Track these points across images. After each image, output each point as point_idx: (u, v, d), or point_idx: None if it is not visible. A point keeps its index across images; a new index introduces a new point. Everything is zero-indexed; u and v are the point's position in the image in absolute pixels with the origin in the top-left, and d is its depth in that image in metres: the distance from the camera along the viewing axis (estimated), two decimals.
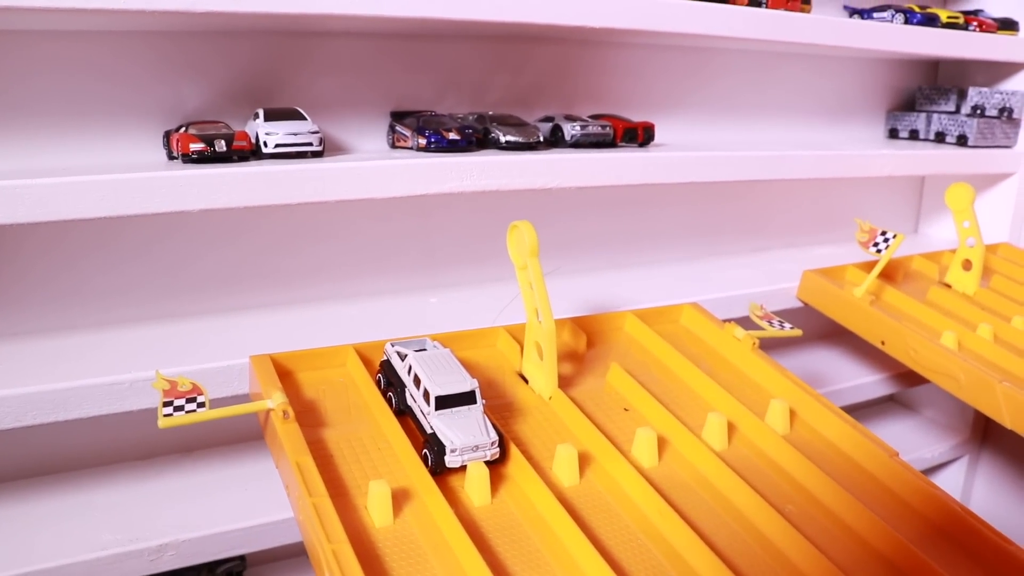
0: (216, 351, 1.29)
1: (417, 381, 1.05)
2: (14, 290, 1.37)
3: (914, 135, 2.23)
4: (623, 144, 1.59)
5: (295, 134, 1.30)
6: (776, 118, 2.11)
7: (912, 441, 2.19)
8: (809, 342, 2.11)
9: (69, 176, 1.13)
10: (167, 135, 1.37)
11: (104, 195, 1.14)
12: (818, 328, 2.05)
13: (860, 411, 2.26)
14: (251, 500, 1.36)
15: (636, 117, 1.78)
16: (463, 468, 1.00)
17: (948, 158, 2.00)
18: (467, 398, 1.03)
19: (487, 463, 1.00)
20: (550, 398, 1.18)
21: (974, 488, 2.30)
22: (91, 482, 1.40)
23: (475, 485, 0.98)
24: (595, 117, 1.64)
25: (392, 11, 1.25)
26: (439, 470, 0.99)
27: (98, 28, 1.31)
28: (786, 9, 1.71)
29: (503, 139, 1.45)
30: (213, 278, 1.50)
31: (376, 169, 1.28)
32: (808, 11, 1.79)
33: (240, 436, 1.53)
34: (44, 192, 1.11)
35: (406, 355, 1.09)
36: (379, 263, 1.63)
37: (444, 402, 1.01)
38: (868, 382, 1.92)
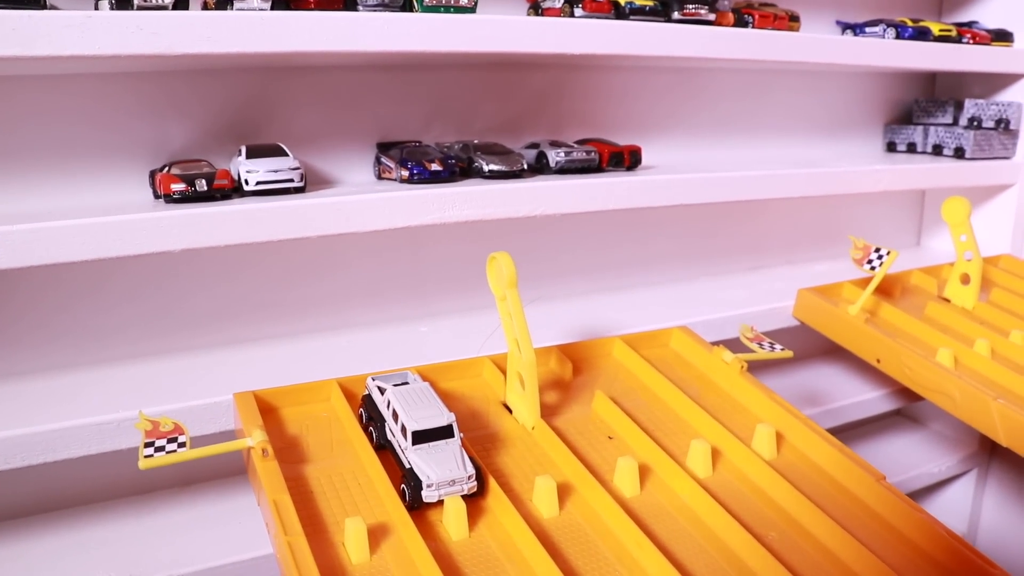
0: (205, 388, 1.30)
1: (395, 416, 1.05)
2: (10, 332, 1.38)
3: (912, 148, 2.22)
4: (609, 168, 1.59)
5: (276, 171, 1.31)
6: (770, 136, 2.11)
7: (919, 455, 2.17)
8: (809, 359, 2.10)
9: (50, 221, 1.14)
10: (152, 175, 1.39)
11: (86, 239, 1.15)
12: (818, 345, 2.03)
13: (867, 427, 2.25)
14: (247, 534, 1.36)
15: (625, 140, 1.78)
16: (441, 502, 1.00)
17: (945, 171, 1.99)
18: (444, 432, 1.03)
19: (465, 497, 1.00)
20: (533, 428, 1.18)
21: (984, 502, 2.27)
22: (87, 519, 1.41)
23: (452, 519, 0.98)
24: (581, 142, 1.64)
25: (370, 46, 1.26)
26: (416, 505, 0.99)
27: (79, 71, 1.33)
28: (773, 28, 1.71)
29: (487, 168, 1.46)
30: (204, 314, 1.51)
31: (357, 203, 1.29)
32: (797, 29, 1.80)
33: (236, 469, 1.53)
34: (25, 238, 1.13)
35: (385, 389, 1.09)
36: (369, 294, 1.64)
37: (421, 437, 1.01)
38: (870, 398, 1.91)
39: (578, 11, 1.48)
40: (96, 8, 1.24)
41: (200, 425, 1.23)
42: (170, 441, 1.02)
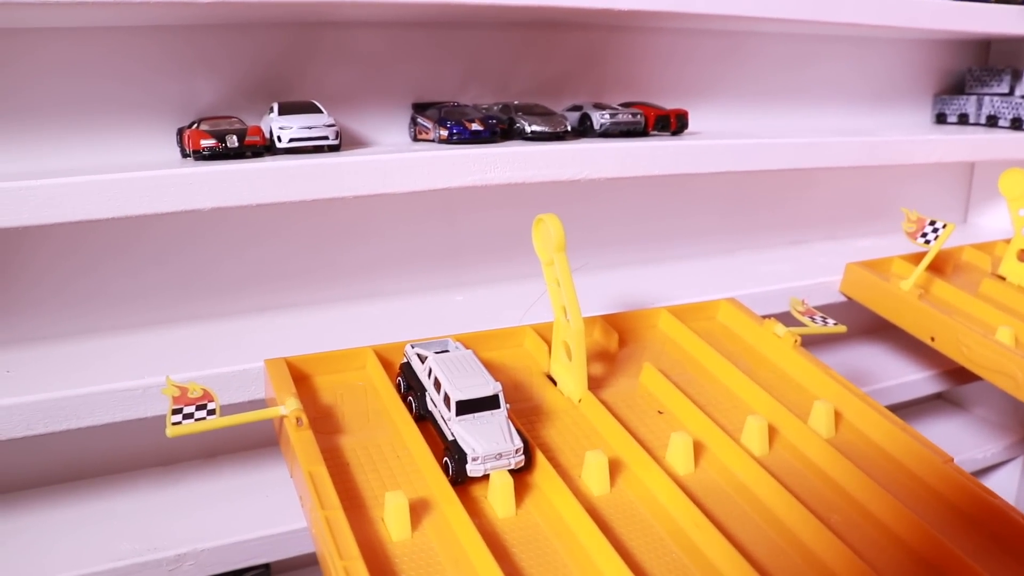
0: (234, 354, 1.24)
1: (437, 385, 0.99)
2: (32, 294, 1.34)
3: (963, 119, 2.13)
4: (655, 132, 1.52)
5: (310, 127, 1.25)
6: (815, 104, 2.03)
7: (963, 441, 2.09)
8: (853, 337, 2.03)
9: (74, 176, 1.08)
10: (180, 132, 1.33)
11: (111, 195, 1.10)
12: (862, 323, 1.97)
13: (907, 409, 2.18)
14: (274, 506, 1.32)
15: (669, 104, 1.71)
16: (486, 477, 0.94)
17: (1001, 142, 1.91)
18: (490, 402, 0.97)
19: (511, 471, 0.94)
20: (580, 401, 1.12)
21: None
22: (109, 490, 1.36)
23: (498, 495, 0.92)
24: (626, 105, 1.57)
25: None
26: (460, 479, 0.93)
27: (106, 24, 1.27)
28: None
29: (528, 129, 1.39)
30: (232, 279, 1.46)
31: (394, 162, 1.23)
32: None
33: (263, 440, 1.48)
34: (50, 193, 1.07)
35: (426, 357, 1.03)
36: (403, 261, 1.58)
37: (465, 407, 0.96)
38: (916, 379, 1.84)
39: None
40: None
41: (229, 393, 1.18)
42: (199, 408, 0.97)
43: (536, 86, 1.62)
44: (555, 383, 1.16)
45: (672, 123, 1.52)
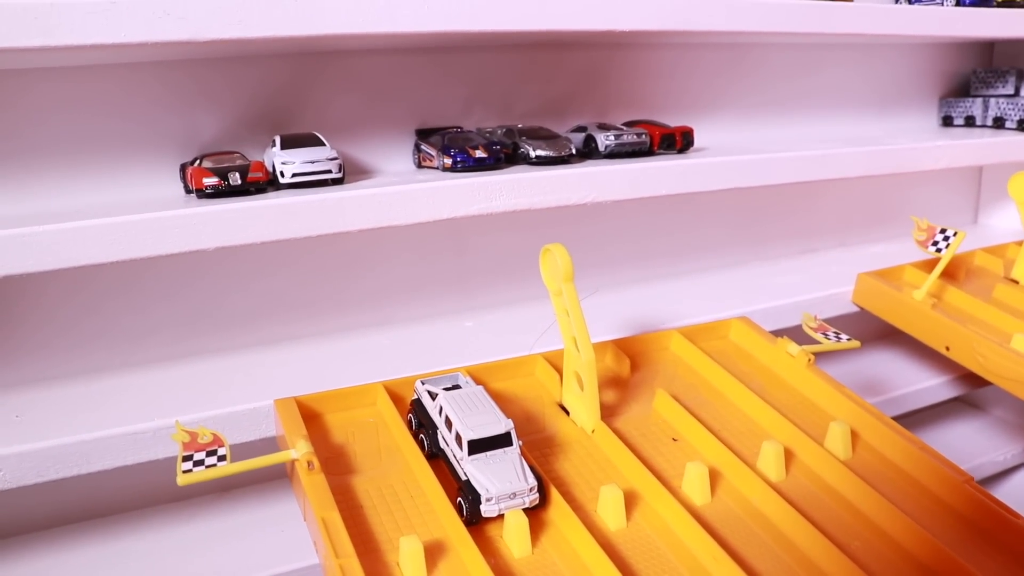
0: (243, 391, 1.24)
1: (449, 423, 0.98)
2: (38, 335, 1.33)
3: (970, 122, 2.11)
4: (661, 151, 1.51)
5: (313, 162, 1.24)
6: (820, 111, 2.02)
7: (980, 444, 2.07)
8: (866, 344, 2.02)
9: (77, 221, 1.08)
10: (183, 168, 1.32)
11: (115, 239, 1.09)
12: (874, 329, 1.95)
13: (923, 412, 2.15)
14: (289, 542, 1.30)
15: (674, 120, 1.70)
16: (501, 516, 0.93)
17: (1009, 144, 1.89)
18: (502, 440, 0.96)
19: (526, 510, 0.93)
20: (593, 431, 1.11)
21: None
22: (122, 529, 1.35)
23: (514, 535, 0.91)
24: (630, 124, 1.56)
25: (409, 27, 1.18)
26: (475, 520, 0.92)
27: (105, 62, 1.27)
28: None
29: (533, 154, 1.38)
30: (239, 313, 1.45)
31: (397, 195, 1.22)
32: None
33: (276, 473, 1.47)
34: (53, 239, 1.06)
35: (437, 394, 1.02)
36: (410, 287, 1.57)
37: (478, 446, 0.95)
38: (932, 385, 1.82)
39: None
40: None
41: (240, 432, 1.17)
42: (209, 454, 0.96)
43: (540, 107, 1.61)
44: (568, 413, 1.15)
45: (678, 141, 1.51)
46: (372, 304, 1.54)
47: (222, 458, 0.96)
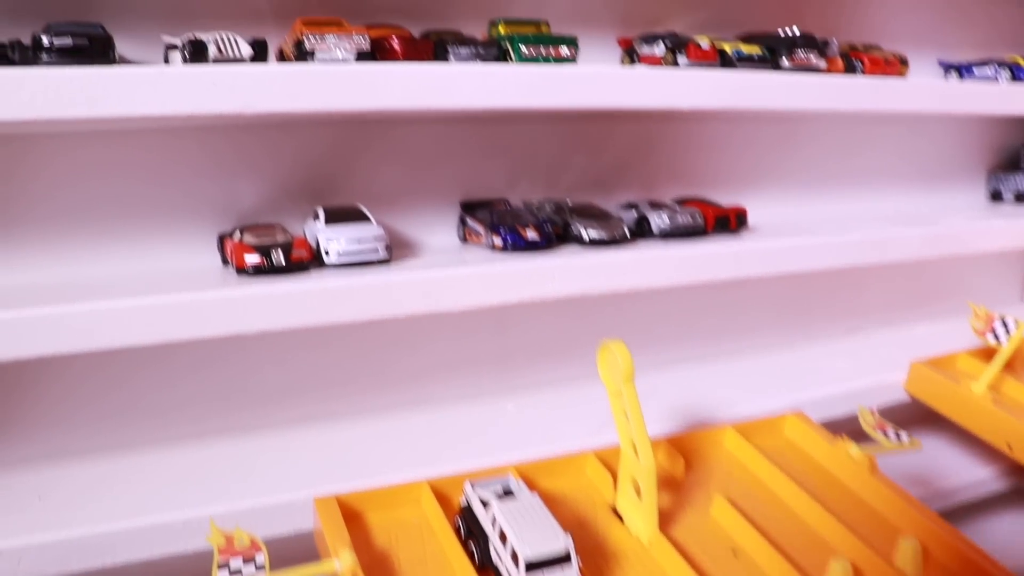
0: (278, 477, 1.18)
1: (503, 536, 0.92)
2: (62, 407, 1.28)
3: (1021, 197, 2.05)
4: (714, 232, 1.45)
5: (359, 241, 1.18)
6: (867, 185, 1.96)
7: None
8: (916, 430, 1.94)
9: (112, 300, 1.02)
10: (221, 239, 1.27)
11: (151, 321, 1.04)
12: (924, 412, 1.88)
13: (979, 507, 2.07)
14: None
15: (722, 194, 1.65)
16: None
17: None
18: (561, 559, 0.89)
19: None
20: (649, 542, 1.04)
21: None
22: None
23: None
24: (681, 201, 1.51)
25: (465, 103, 1.13)
26: None
27: (142, 127, 1.22)
28: (884, 74, 1.56)
29: (586, 235, 1.32)
30: (274, 389, 1.39)
31: (447, 280, 1.16)
32: (905, 73, 1.65)
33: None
34: (86, 320, 1.01)
35: (489, 503, 0.96)
36: (450, 366, 1.51)
37: (536, 566, 0.88)
38: (987, 478, 1.75)
39: (682, 59, 1.35)
40: (166, 60, 1.13)
41: (275, 526, 1.11)
42: (246, 562, 0.90)
43: (587, 179, 1.56)
44: (621, 519, 1.08)
45: (732, 222, 1.46)
46: (410, 382, 1.48)
47: (260, 567, 0.90)
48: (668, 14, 1.59)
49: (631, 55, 1.44)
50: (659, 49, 1.38)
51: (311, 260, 1.18)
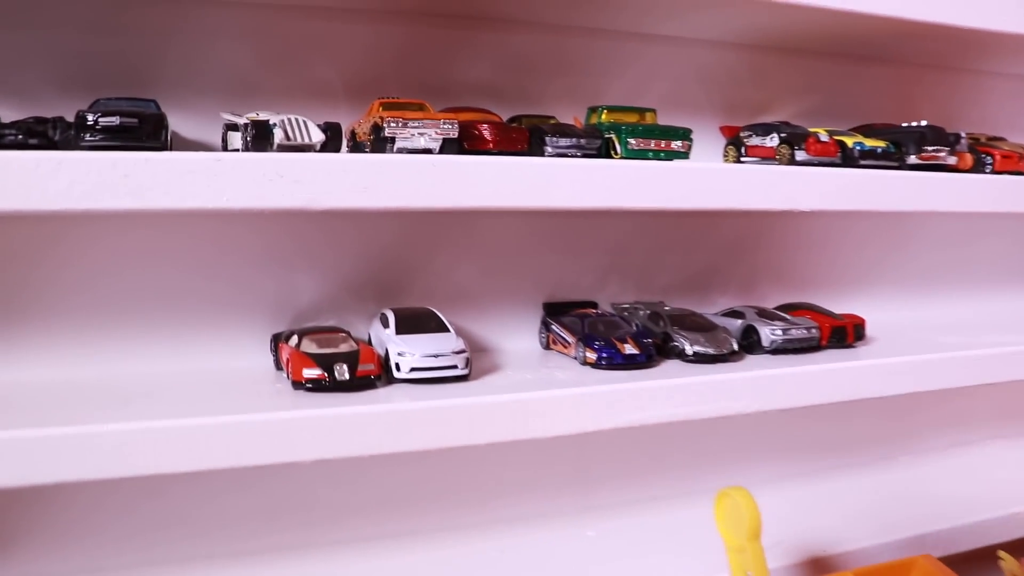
0: None
1: None
2: (91, 521, 1.15)
3: None
4: (828, 345, 1.28)
5: (435, 355, 1.02)
6: (977, 282, 1.78)
7: None
8: None
9: (148, 420, 0.87)
10: (275, 340, 1.13)
11: (193, 445, 0.88)
12: None
13: None
14: None
15: (828, 297, 1.49)
16: None
17: None
18: None
19: None
20: None
21: None
22: None
23: None
24: (787, 308, 1.34)
25: (563, 202, 0.98)
26: None
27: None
28: (1017, 170, 1.39)
29: (690, 350, 1.16)
30: (327, 507, 1.25)
31: (536, 403, 0.99)
32: None
33: None
34: (120, 442, 0.86)
35: None
36: (522, 484, 1.35)
37: None
38: None
39: (800, 154, 1.19)
40: (224, 144, 1.00)
41: None
42: None
43: (681, 280, 1.41)
44: None
45: (849, 335, 1.28)
46: (478, 501, 1.32)
47: None
48: (773, 100, 1.45)
49: (737, 146, 1.29)
50: (772, 140, 1.23)
51: (379, 375, 1.02)
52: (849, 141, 1.23)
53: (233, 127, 1.00)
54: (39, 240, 1.07)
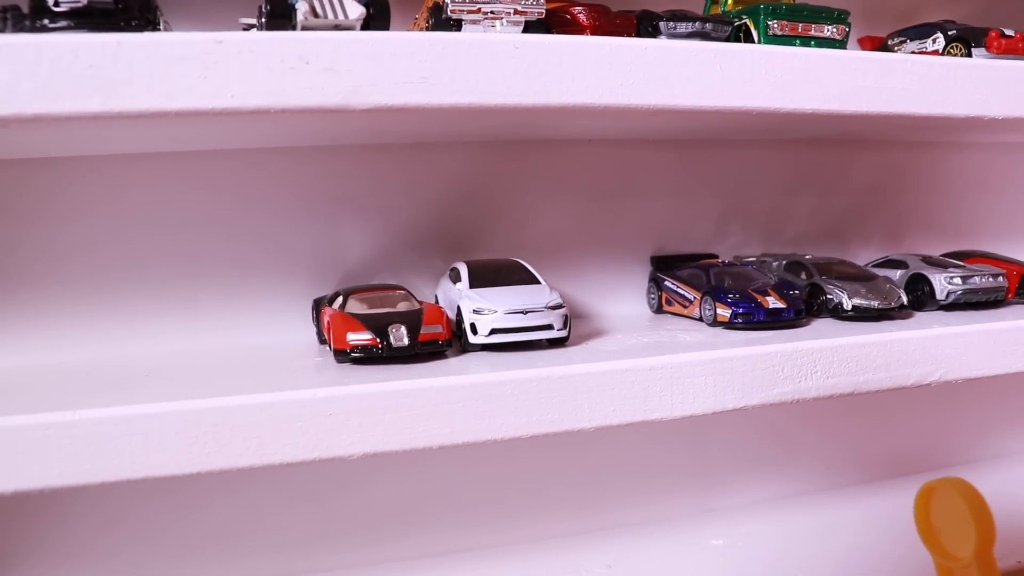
0: None
1: None
2: (107, 540, 0.97)
3: None
4: (1016, 300, 1.01)
5: (523, 312, 0.77)
6: None
7: None
8: None
9: (152, 404, 0.64)
10: (316, 306, 0.90)
11: (196, 437, 0.65)
12: None
13: None
14: None
15: (988, 247, 1.20)
16: None
17: None
18: None
19: None
20: None
21: None
22: None
23: None
24: (955, 256, 1.07)
25: (690, 101, 0.74)
26: None
27: (204, 148, 0.87)
28: None
29: (848, 304, 0.89)
30: (379, 522, 1.04)
31: (661, 373, 0.74)
32: None
33: None
34: (90, 437, 0.63)
35: None
36: (633, 482, 1.14)
37: None
38: None
39: (977, 51, 0.92)
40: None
41: None
42: None
43: (816, 227, 1.16)
44: None
45: None
46: (577, 504, 1.08)
47: None
48: (920, 7, 1.18)
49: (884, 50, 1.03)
50: (936, 43, 0.96)
51: (449, 340, 0.77)
52: None
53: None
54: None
